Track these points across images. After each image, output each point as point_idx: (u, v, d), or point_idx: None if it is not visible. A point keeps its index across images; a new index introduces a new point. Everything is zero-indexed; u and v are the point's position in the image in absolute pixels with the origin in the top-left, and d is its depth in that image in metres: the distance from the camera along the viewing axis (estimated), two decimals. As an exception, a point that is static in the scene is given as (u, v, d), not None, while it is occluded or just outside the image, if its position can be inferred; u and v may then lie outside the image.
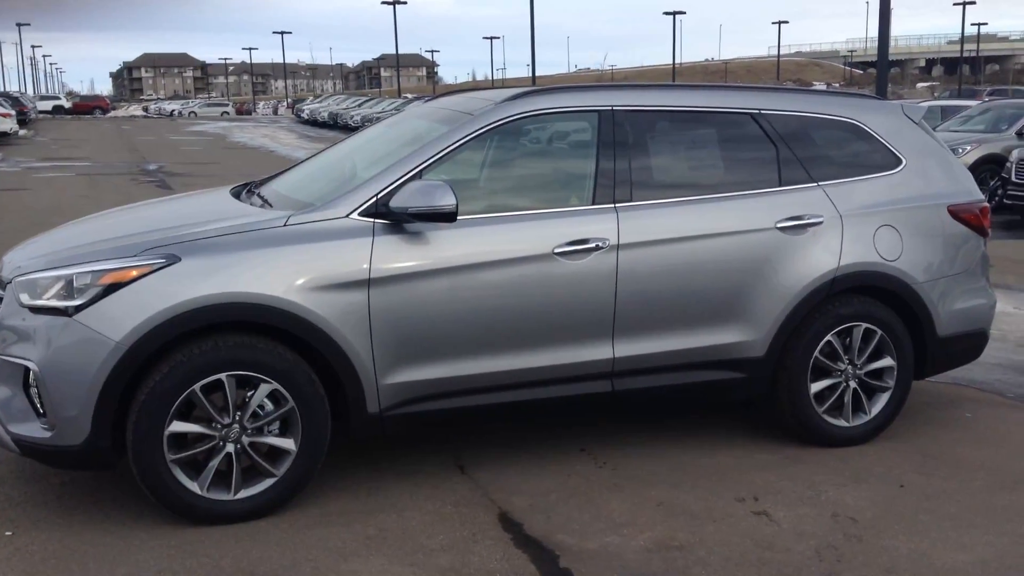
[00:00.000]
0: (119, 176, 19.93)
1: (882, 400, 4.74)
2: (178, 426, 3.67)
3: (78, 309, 3.62)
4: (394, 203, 3.93)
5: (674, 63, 77.44)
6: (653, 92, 4.65)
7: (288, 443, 3.84)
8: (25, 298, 3.72)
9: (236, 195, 4.73)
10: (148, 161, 24.29)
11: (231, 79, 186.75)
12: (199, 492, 3.73)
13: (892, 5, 17.11)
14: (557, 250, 4.13)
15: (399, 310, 3.91)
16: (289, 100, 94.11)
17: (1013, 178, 13.01)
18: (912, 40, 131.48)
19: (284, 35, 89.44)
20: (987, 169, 14.28)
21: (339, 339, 3.82)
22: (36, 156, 25.81)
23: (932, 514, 3.98)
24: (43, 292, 3.70)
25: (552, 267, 4.13)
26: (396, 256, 3.93)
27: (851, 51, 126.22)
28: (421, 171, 4.07)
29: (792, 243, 4.50)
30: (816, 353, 4.56)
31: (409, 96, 57.49)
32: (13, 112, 36.00)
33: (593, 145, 4.40)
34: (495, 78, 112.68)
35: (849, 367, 4.65)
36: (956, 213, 4.86)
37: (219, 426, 3.74)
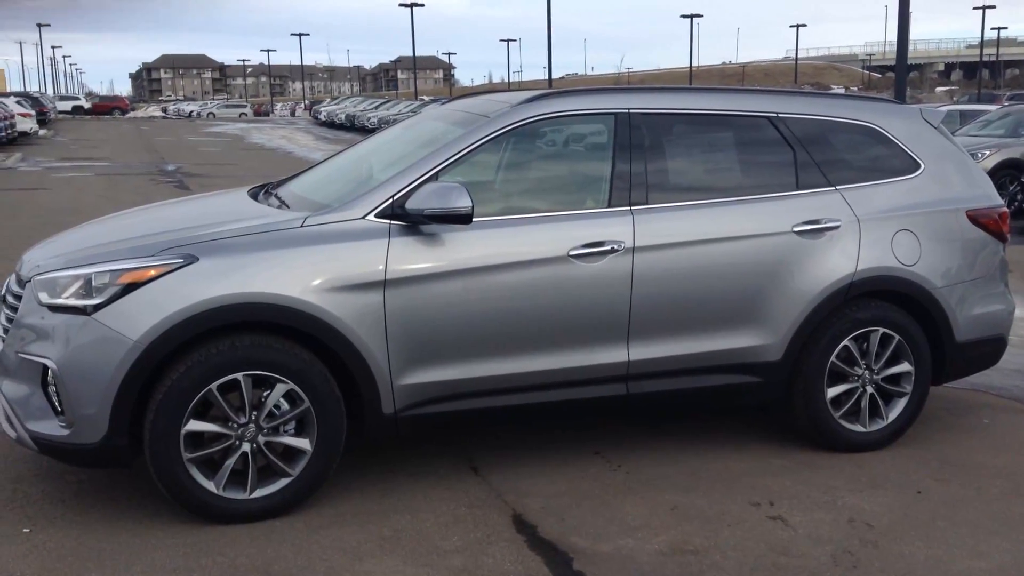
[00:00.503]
0: (138, 176, 20.07)
1: (899, 405, 4.71)
2: (195, 425, 3.69)
3: (96, 308, 3.64)
4: (410, 205, 3.94)
5: (691, 66, 77.31)
6: (670, 95, 4.65)
7: (304, 443, 3.85)
8: (44, 297, 3.75)
9: (254, 196, 4.76)
10: (167, 162, 24.44)
11: (249, 80, 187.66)
12: (215, 491, 3.75)
13: (911, 9, 17.02)
14: (572, 252, 4.13)
15: (414, 311, 3.92)
16: (307, 102, 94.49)
17: (1033, 183, 12.92)
18: (931, 44, 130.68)
19: (302, 37, 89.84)
20: (1006, 174, 14.18)
21: (355, 340, 3.83)
22: (55, 156, 26.02)
23: (949, 521, 3.95)
24: (62, 291, 3.73)
25: (567, 269, 4.13)
26: (412, 257, 3.93)
27: (869, 55, 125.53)
28: (437, 173, 4.08)
29: (809, 247, 4.48)
30: (833, 358, 4.53)
31: (426, 98, 57.60)
32: (33, 112, 36.32)
33: (609, 148, 4.39)
34: (511, 80, 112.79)
35: (866, 372, 4.62)
36: (975, 218, 4.83)
37: (235, 425, 3.76)
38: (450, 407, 4.05)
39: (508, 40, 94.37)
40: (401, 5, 60.51)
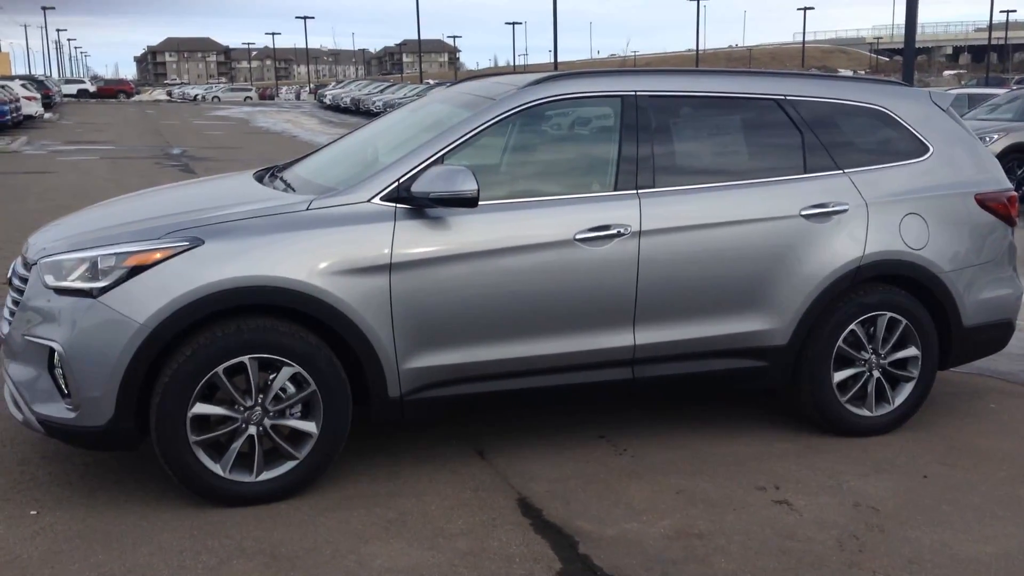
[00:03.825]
0: (143, 160, 20.06)
1: (906, 390, 4.70)
2: (201, 408, 3.70)
3: (102, 291, 3.64)
4: (416, 188, 3.92)
5: (697, 49, 76.91)
6: (677, 77, 4.62)
7: (310, 426, 3.85)
8: (50, 280, 3.75)
9: (259, 179, 4.75)
10: (172, 145, 24.42)
11: (254, 64, 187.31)
12: (221, 474, 3.76)
13: (920, -9, 16.86)
14: (579, 236, 4.11)
15: (420, 295, 3.91)
16: (312, 85, 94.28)
17: (1041, 167, 12.83)
18: (939, 27, 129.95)
19: (307, 20, 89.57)
20: (1015, 158, 14.08)
21: (360, 323, 3.82)
22: (61, 139, 26.01)
23: (955, 505, 3.95)
24: (68, 274, 3.73)
25: (573, 253, 4.11)
26: (417, 241, 3.92)
27: (877, 38, 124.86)
28: (443, 156, 4.07)
29: (816, 231, 4.46)
30: (839, 342, 4.52)
31: (431, 82, 57.45)
32: (38, 95, 36.28)
33: (616, 130, 4.37)
34: (517, 64, 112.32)
35: (873, 356, 4.61)
36: (983, 202, 4.80)
37: (241, 408, 3.76)
38: (455, 391, 4.05)
39: (514, 23, 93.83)
40: (406, -12, 60.20)
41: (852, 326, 4.53)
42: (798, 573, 3.40)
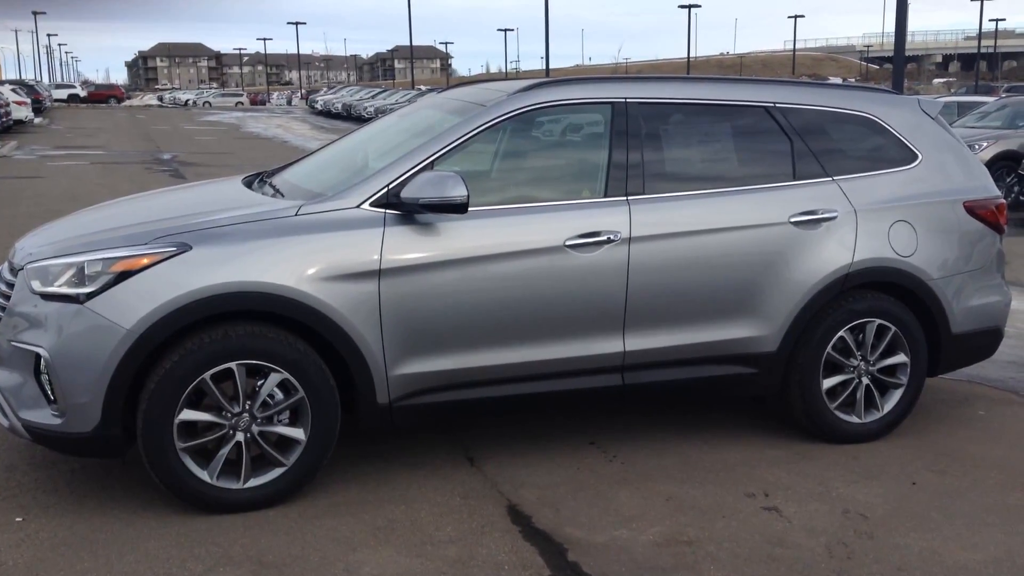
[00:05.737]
0: (133, 165, 20.01)
1: (895, 397, 4.71)
2: (188, 414, 3.68)
3: (89, 296, 3.62)
4: (405, 194, 3.92)
5: (689, 56, 77.09)
6: (667, 84, 4.62)
7: (298, 433, 3.84)
8: (36, 285, 3.73)
9: (248, 184, 4.74)
10: (162, 150, 24.37)
11: (245, 69, 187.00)
12: (209, 480, 3.74)
13: (909, 0, 16.97)
14: (568, 242, 4.11)
15: (409, 301, 3.90)
16: (303, 91, 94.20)
17: (1030, 175, 12.90)
18: (929, 35, 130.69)
19: (299, 26, 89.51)
20: (1004, 165, 14.16)
21: (349, 329, 3.81)
22: (51, 144, 25.93)
23: (944, 512, 3.95)
24: (54, 279, 3.70)
25: (563, 259, 4.11)
26: (407, 247, 3.92)
27: (867, 46, 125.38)
28: (433, 162, 4.06)
29: (805, 238, 4.47)
30: (828, 349, 4.53)
31: (423, 88, 57.47)
32: (28, 100, 36.18)
33: (606, 137, 4.37)
34: (509, 70, 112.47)
35: (862, 363, 4.62)
36: (972, 209, 4.82)
37: (229, 415, 3.74)
38: (445, 397, 4.04)
39: (506, 30, 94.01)
40: (398, -6, 60.28)
41: (841, 333, 4.54)
42: (787, 580, 3.39)
